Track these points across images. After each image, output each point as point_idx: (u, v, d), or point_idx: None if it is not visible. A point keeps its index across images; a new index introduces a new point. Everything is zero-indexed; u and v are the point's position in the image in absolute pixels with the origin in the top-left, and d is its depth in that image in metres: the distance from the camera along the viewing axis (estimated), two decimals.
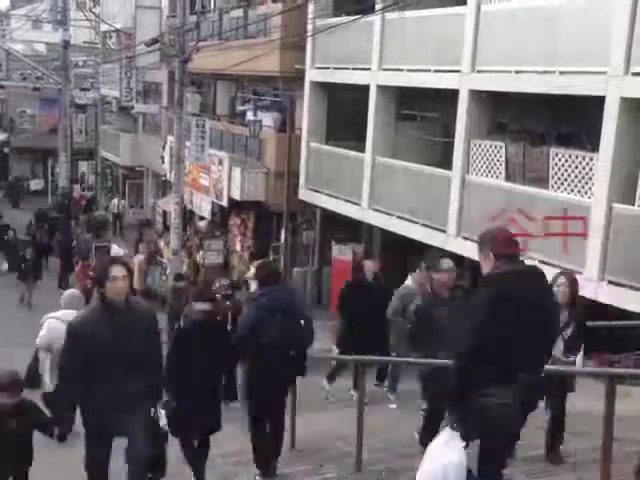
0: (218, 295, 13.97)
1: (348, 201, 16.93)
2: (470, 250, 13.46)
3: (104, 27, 29.61)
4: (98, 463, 5.37)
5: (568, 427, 7.34)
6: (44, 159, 37.85)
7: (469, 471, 4.32)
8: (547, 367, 4.78)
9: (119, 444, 5.32)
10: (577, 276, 10.96)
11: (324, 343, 15.69)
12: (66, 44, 28.78)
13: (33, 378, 7.23)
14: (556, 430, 6.46)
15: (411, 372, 12.48)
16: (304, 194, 18.72)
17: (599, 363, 10.28)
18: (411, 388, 10.86)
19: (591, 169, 11.08)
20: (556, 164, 11.69)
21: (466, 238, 13.45)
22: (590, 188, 11.10)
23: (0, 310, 18.95)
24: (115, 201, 31.49)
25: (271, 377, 6.35)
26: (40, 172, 40.02)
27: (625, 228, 10.46)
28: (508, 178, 12.81)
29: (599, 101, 10.60)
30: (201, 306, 6.49)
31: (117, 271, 5.16)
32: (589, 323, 6.93)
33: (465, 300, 6.40)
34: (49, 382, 7.05)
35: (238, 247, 22.01)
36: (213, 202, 21.84)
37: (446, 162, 14.40)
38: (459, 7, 13.59)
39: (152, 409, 5.44)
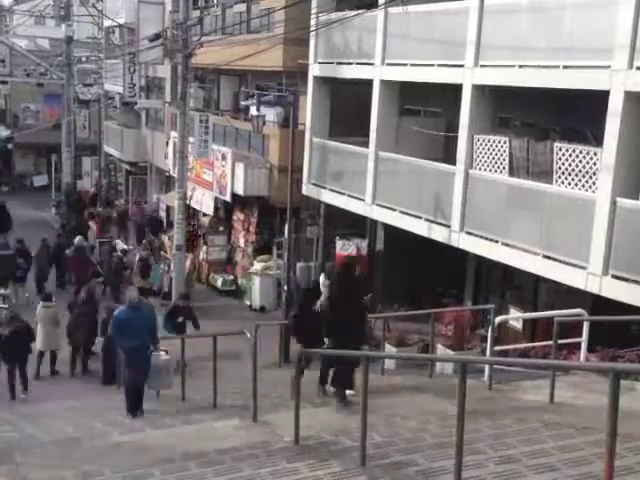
0: None
1: (352, 196, 16.92)
2: (473, 245, 13.48)
3: (107, 22, 29.60)
4: None
5: (571, 422, 7.35)
6: (48, 155, 37.85)
7: None
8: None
9: None
10: (581, 271, 11.01)
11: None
12: (69, 39, 28.80)
13: None
14: None
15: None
16: (307, 189, 18.72)
17: (603, 357, 10.26)
18: (412, 384, 10.89)
19: (595, 163, 11.06)
20: (560, 158, 11.67)
21: (469, 233, 13.45)
22: (594, 182, 11.09)
23: None
24: None
25: None
26: (44, 168, 40.03)
27: (629, 222, 10.44)
28: (512, 173, 12.80)
29: (603, 95, 10.58)
30: None
31: None
32: (596, 318, 6.91)
33: None
34: None
35: (242, 242, 22.02)
36: (217, 197, 21.85)
37: (450, 157, 14.38)
38: (463, 1, 13.56)
39: None
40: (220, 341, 11.10)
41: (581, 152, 11.35)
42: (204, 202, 22.72)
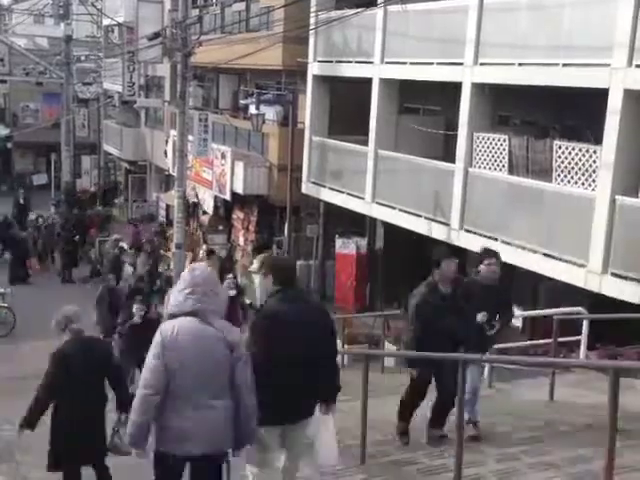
0: None
1: (351, 194, 16.92)
2: (473, 243, 13.48)
3: (106, 21, 29.59)
4: None
5: (571, 419, 7.35)
6: (47, 154, 37.83)
7: None
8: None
9: None
10: (581, 269, 11.03)
11: None
12: (68, 38, 28.74)
13: None
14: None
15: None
16: (307, 188, 18.72)
17: (602, 355, 10.28)
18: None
19: (595, 161, 11.07)
20: (559, 157, 11.67)
21: (469, 231, 13.46)
22: (594, 180, 11.09)
23: None
24: None
25: None
26: (43, 167, 40.03)
27: (629, 220, 10.44)
28: (511, 171, 12.80)
29: (603, 93, 10.58)
30: None
31: None
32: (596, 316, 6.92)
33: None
34: None
35: (241, 241, 22.02)
36: (216, 196, 21.86)
37: (449, 155, 14.38)
38: None
39: None
40: None
41: (580, 150, 11.35)
42: (205, 200, 22.74)
